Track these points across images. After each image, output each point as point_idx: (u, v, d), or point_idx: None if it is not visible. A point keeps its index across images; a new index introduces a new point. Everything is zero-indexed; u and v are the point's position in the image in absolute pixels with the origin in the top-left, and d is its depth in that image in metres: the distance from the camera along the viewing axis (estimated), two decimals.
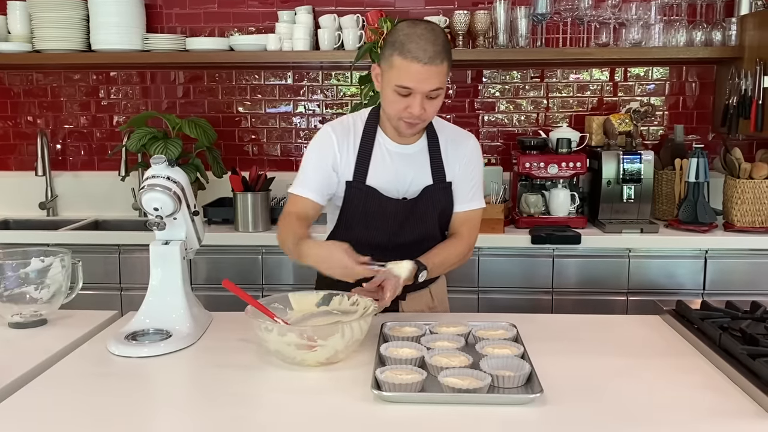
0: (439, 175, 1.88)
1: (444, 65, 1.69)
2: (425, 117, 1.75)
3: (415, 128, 1.79)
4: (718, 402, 1.32)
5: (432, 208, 1.88)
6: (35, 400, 1.34)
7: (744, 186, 2.88)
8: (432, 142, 1.89)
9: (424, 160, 1.88)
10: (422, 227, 1.89)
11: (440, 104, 1.77)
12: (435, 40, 1.68)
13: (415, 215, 1.87)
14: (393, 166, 1.86)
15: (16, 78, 3.50)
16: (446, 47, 1.70)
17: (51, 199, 3.48)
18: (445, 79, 1.72)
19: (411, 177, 1.86)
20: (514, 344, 1.52)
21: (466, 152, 1.90)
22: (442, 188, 1.88)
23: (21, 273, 1.69)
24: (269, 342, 1.48)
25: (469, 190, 1.92)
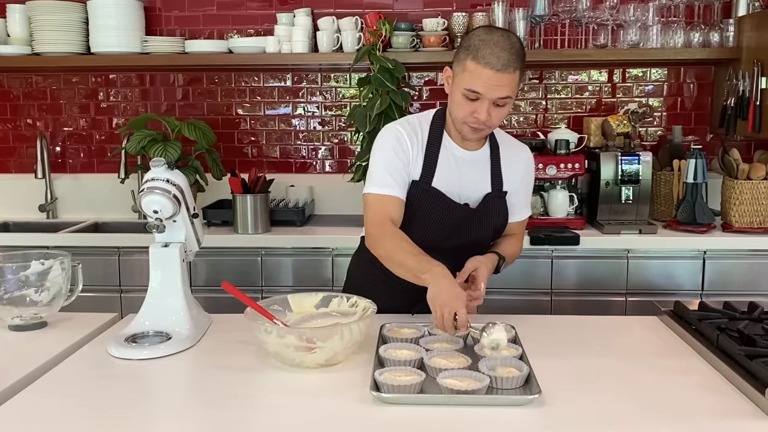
0: (497, 183, 1.90)
1: (516, 74, 1.69)
2: (490, 124, 1.75)
3: (478, 134, 1.79)
4: (715, 402, 1.32)
5: (489, 216, 1.89)
6: (35, 403, 1.35)
7: (742, 187, 2.88)
8: (494, 151, 1.90)
9: (485, 168, 1.89)
10: (477, 233, 1.89)
11: (506, 113, 1.79)
12: (510, 48, 1.67)
13: (473, 221, 1.87)
14: (458, 171, 1.86)
15: (15, 81, 3.51)
16: (520, 56, 1.70)
17: (51, 202, 3.48)
18: (515, 88, 1.72)
19: (473, 183, 1.87)
20: (512, 345, 1.52)
21: (522, 164, 1.95)
22: (498, 197, 1.90)
23: (21, 276, 1.70)
24: (268, 344, 1.49)
25: (523, 201, 1.99)
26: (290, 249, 2.91)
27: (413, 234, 1.79)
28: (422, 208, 1.83)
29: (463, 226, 1.86)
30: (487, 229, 1.91)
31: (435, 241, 1.84)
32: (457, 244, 1.87)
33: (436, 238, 1.85)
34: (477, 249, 1.89)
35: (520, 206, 1.98)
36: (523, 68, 1.72)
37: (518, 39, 1.73)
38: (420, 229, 1.83)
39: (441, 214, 1.84)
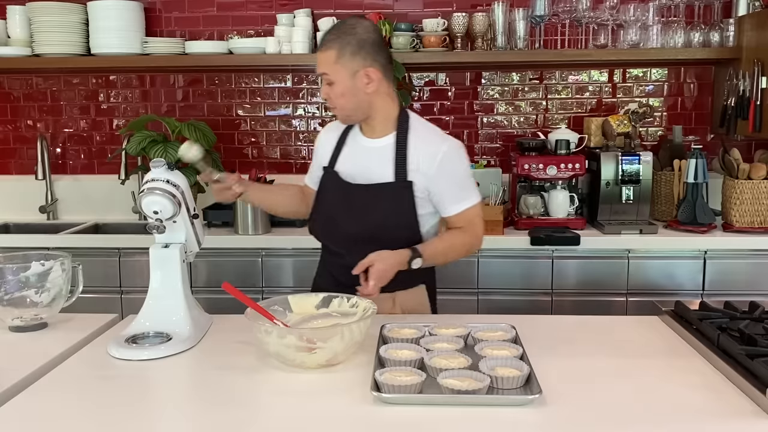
0: (401, 173, 1.86)
1: (329, 52, 1.80)
2: (331, 103, 1.87)
3: (336, 113, 1.91)
4: (716, 402, 1.32)
5: (385, 202, 1.87)
6: (36, 404, 1.35)
7: (743, 186, 2.88)
8: (401, 139, 1.89)
9: (388, 156, 1.88)
10: (373, 219, 1.88)
11: (340, 92, 1.83)
12: (334, 29, 1.84)
13: (367, 205, 1.89)
14: (359, 158, 1.94)
15: (15, 82, 3.51)
16: (340, 37, 1.81)
17: (51, 203, 3.48)
18: (331, 67, 1.81)
19: (375, 171, 1.89)
20: (513, 345, 1.52)
21: (437, 158, 1.86)
22: (402, 187, 1.86)
23: (21, 277, 1.70)
24: (269, 344, 1.49)
25: (455, 193, 1.90)
26: (290, 250, 2.91)
27: (320, 216, 1.99)
28: (324, 189, 1.99)
29: (357, 209, 1.90)
30: (384, 215, 1.87)
31: (337, 223, 1.94)
32: (360, 231, 1.89)
33: (336, 220, 1.95)
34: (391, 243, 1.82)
35: (449, 200, 1.90)
36: (343, 50, 1.80)
37: (357, 24, 1.84)
38: (324, 211, 1.98)
39: (336, 193, 1.95)
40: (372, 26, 1.86)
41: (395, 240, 1.85)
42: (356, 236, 1.90)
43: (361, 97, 1.84)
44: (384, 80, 1.85)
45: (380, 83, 1.84)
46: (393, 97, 1.91)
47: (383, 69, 1.84)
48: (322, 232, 2.03)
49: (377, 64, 1.82)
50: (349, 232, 1.91)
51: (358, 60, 1.80)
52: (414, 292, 1.98)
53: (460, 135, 3.43)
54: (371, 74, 1.82)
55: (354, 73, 1.81)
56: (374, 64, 1.82)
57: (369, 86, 1.83)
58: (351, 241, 1.91)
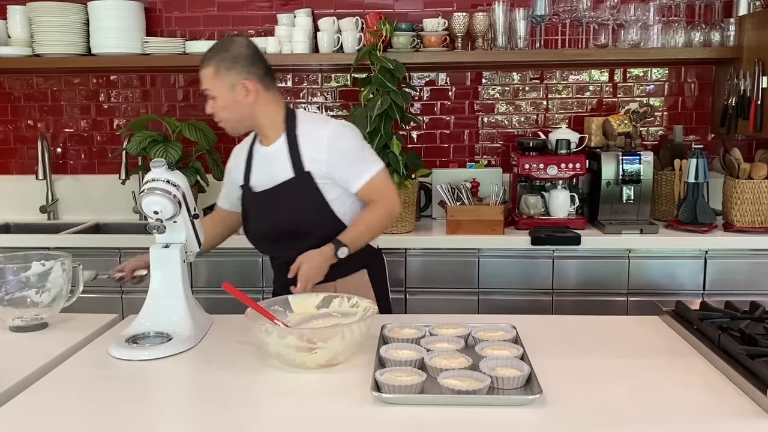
0: (298, 167, 1.96)
1: (207, 69, 1.93)
2: (217, 117, 1.97)
3: (224, 126, 2.00)
4: (717, 402, 1.32)
5: (293, 199, 1.97)
6: (36, 404, 1.35)
7: (743, 186, 2.88)
8: (290, 137, 1.98)
9: (284, 157, 1.98)
10: (289, 216, 1.98)
11: (221, 105, 1.94)
12: (210, 48, 1.95)
13: (279, 207, 1.99)
14: (263, 166, 2.03)
15: (16, 82, 3.51)
16: (217, 52, 1.93)
17: (52, 203, 3.48)
18: (212, 83, 1.93)
19: (278, 174, 1.98)
20: (513, 345, 1.52)
21: (323, 141, 1.96)
22: (303, 179, 1.96)
23: (22, 277, 1.70)
24: (269, 344, 1.49)
25: (351, 170, 1.97)
26: None
27: (249, 229, 2.09)
28: (245, 204, 2.07)
29: (271, 213, 2.00)
30: (296, 210, 1.97)
31: (263, 230, 2.06)
32: (279, 231, 2.00)
33: (257, 227, 2.06)
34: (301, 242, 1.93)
35: (351, 177, 1.97)
36: (219, 64, 1.91)
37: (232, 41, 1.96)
38: (250, 225, 2.08)
39: (252, 205, 2.05)
40: (245, 41, 1.97)
41: (320, 230, 1.96)
42: (279, 237, 2.02)
43: (243, 109, 1.94)
44: (263, 90, 1.96)
45: (259, 93, 1.94)
46: (276, 102, 2.00)
47: (260, 80, 1.95)
48: (255, 242, 2.13)
49: (253, 76, 1.93)
50: (272, 235, 2.03)
51: (233, 74, 1.92)
52: (355, 278, 2.07)
53: (461, 135, 3.44)
54: (248, 86, 1.93)
55: (232, 86, 1.92)
56: (250, 77, 1.93)
57: (248, 97, 1.93)
58: (277, 243, 2.03)
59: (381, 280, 2.15)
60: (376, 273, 2.13)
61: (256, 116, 1.97)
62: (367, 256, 2.08)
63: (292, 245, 1.94)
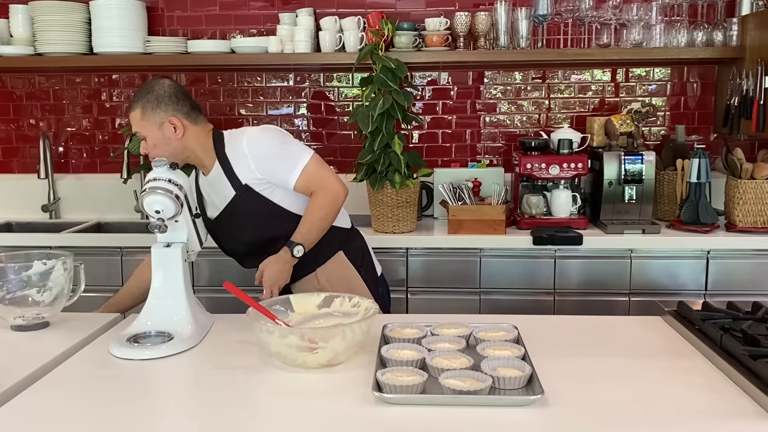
0: (236, 183, 2.01)
1: (135, 112, 1.99)
2: (150, 155, 2.00)
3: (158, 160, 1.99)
4: (719, 403, 1.31)
5: (244, 213, 2.02)
6: (38, 403, 1.35)
7: (746, 186, 2.88)
8: (221, 158, 2.03)
9: (223, 179, 2.03)
10: (247, 231, 2.05)
11: (152, 143, 1.99)
12: (136, 93, 2.01)
13: (234, 224, 2.05)
14: (208, 196, 2.10)
15: (18, 81, 3.51)
16: (140, 98, 1.98)
17: (53, 202, 3.48)
18: (142, 125, 1.99)
19: (221, 198, 2.04)
20: (515, 346, 1.52)
21: (244, 151, 1.99)
22: (244, 193, 2.00)
23: (23, 276, 1.70)
24: (270, 344, 1.49)
25: (280, 167, 2.00)
26: None
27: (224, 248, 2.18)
28: (210, 231, 2.09)
29: (234, 231, 2.07)
30: (254, 223, 2.03)
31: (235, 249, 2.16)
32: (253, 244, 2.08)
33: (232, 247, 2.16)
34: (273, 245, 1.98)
35: (283, 174, 2.00)
36: (145, 106, 1.97)
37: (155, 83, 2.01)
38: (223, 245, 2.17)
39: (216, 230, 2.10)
40: (167, 82, 2.03)
41: (283, 232, 2.00)
42: (252, 251, 2.08)
43: (174, 144, 1.99)
44: (190, 124, 2.01)
45: (186, 128, 2.00)
46: (206, 132, 2.06)
47: (186, 115, 2.01)
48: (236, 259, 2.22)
49: (179, 113, 1.99)
50: (245, 251, 2.13)
51: (160, 113, 1.97)
52: (333, 262, 2.12)
53: (463, 134, 3.43)
54: (175, 122, 1.98)
55: (160, 124, 1.98)
56: (176, 113, 1.99)
57: (177, 133, 1.99)
58: (254, 255, 2.06)
59: (360, 257, 2.19)
60: (354, 251, 2.17)
61: (188, 149, 2.02)
62: (340, 238, 2.14)
63: (269, 251, 1.98)
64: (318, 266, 2.09)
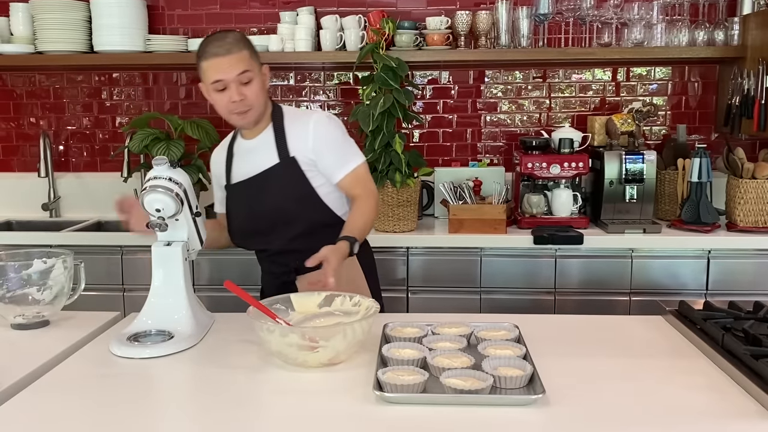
0: (283, 152, 1.97)
1: (243, 52, 1.88)
2: (248, 102, 1.90)
3: (246, 116, 1.94)
4: (720, 403, 1.31)
5: (279, 184, 1.97)
6: (37, 402, 1.35)
7: (747, 186, 2.87)
8: (277, 126, 2.00)
9: (270, 146, 1.99)
10: (274, 205, 1.97)
11: (259, 88, 1.91)
12: (227, 36, 1.90)
13: (265, 195, 1.98)
14: (247, 160, 2.02)
15: (18, 79, 3.51)
16: (241, 39, 1.90)
17: (53, 201, 3.48)
18: (250, 64, 1.89)
19: (260, 164, 1.99)
20: (516, 345, 1.51)
21: (308, 129, 1.97)
22: (287, 165, 1.96)
23: (23, 274, 1.70)
24: (271, 343, 1.48)
25: (335, 159, 1.99)
26: None
27: (232, 223, 2.08)
28: (229, 200, 2.07)
29: (260, 200, 1.99)
30: (284, 196, 1.97)
31: (245, 222, 2.04)
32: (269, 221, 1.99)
33: (243, 219, 2.04)
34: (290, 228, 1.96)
35: (334, 166, 1.98)
36: (249, 47, 1.91)
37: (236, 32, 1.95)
38: (233, 217, 2.07)
39: (238, 197, 2.03)
40: None
41: (306, 215, 1.97)
42: (266, 226, 2.00)
43: (266, 94, 1.97)
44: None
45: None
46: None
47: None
48: (241, 238, 2.10)
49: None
50: (258, 225, 2.02)
51: (256, 58, 1.93)
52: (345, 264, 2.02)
53: (463, 133, 3.43)
54: (266, 72, 1.98)
55: (260, 69, 1.94)
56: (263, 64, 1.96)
57: (267, 82, 1.98)
58: (264, 233, 2.01)
59: (368, 266, 2.16)
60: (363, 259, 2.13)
61: (265, 104, 1.98)
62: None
63: (281, 233, 1.96)
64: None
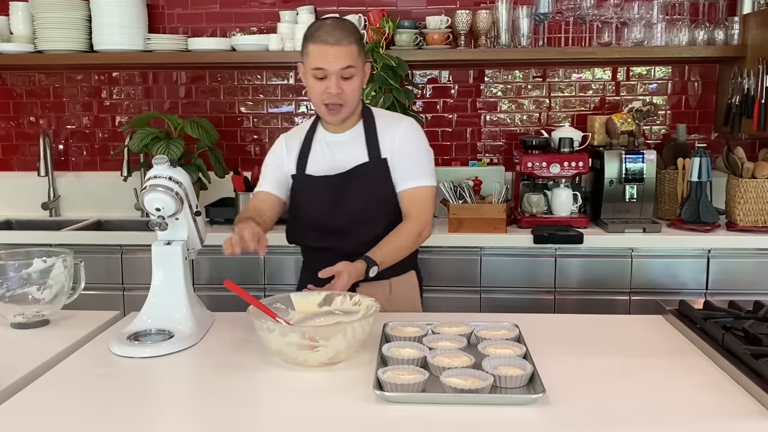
0: (374, 151, 1.95)
1: (352, 46, 1.84)
2: (344, 98, 1.87)
3: (338, 113, 1.90)
4: (720, 402, 1.31)
5: (365, 184, 1.94)
6: (38, 401, 1.35)
7: (747, 185, 2.87)
8: (368, 125, 1.98)
9: (360, 142, 1.97)
10: (357, 206, 1.94)
11: (358, 86, 1.90)
12: (342, 26, 1.87)
13: (348, 193, 1.94)
14: (330, 154, 1.99)
15: (18, 79, 3.51)
16: (355, 33, 1.87)
17: (53, 200, 3.48)
18: (356, 60, 1.86)
19: (346, 160, 1.96)
20: (516, 344, 1.51)
21: (399, 131, 1.96)
22: (377, 164, 1.94)
23: (23, 273, 1.70)
24: (271, 342, 1.48)
25: (410, 168, 1.95)
26: (292, 247, 2.89)
27: (303, 217, 2.02)
28: (300, 192, 2.02)
29: (342, 197, 1.95)
30: (366, 197, 1.94)
31: (324, 218, 1.98)
32: (342, 224, 1.95)
33: (322, 215, 1.98)
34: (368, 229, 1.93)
35: (405, 175, 1.95)
36: (359, 43, 1.87)
37: (351, 22, 1.94)
38: (306, 212, 2.01)
39: (315, 190, 1.98)
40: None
41: (386, 218, 1.95)
42: (346, 224, 1.95)
43: (359, 93, 1.94)
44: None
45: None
46: None
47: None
48: (305, 234, 2.05)
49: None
50: (337, 223, 1.96)
51: (363, 55, 1.91)
52: (406, 278, 2.06)
53: (463, 133, 3.43)
54: (367, 70, 1.95)
55: (363, 67, 1.91)
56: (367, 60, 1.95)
57: (366, 80, 1.95)
58: (339, 232, 1.96)
59: (420, 286, 2.15)
60: (419, 278, 2.14)
61: (359, 102, 1.96)
62: (414, 259, 2.10)
63: (358, 233, 1.92)
64: (393, 276, 2.00)
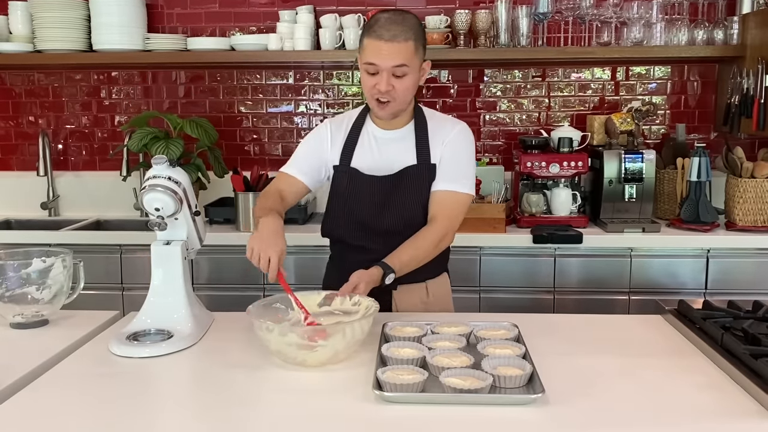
0: (424, 155, 1.90)
1: (408, 44, 1.76)
2: (394, 95, 1.80)
3: (387, 108, 1.84)
4: (720, 402, 1.31)
5: (413, 188, 1.89)
6: (37, 401, 1.34)
7: (746, 185, 2.87)
8: (419, 126, 1.92)
9: (409, 143, 1.92)
10: (402, 209, 1.89)
11: (411, 84, 1.81)
12: (401, 21, 1.77)
13: (395, 195, 1.90)
14: (377, 150, 1.93)
15: (17, 78, 3.51)
16: (414, 29, 1.79)
17: (53, 200, 3.48)
18: (411, 58, 1.78)
19: (394, 159, 1.91)
20: (515, 344, 1.51)
21: (450, 134, 1.91)
22: (426, 168, 1.89)
23: (23, 273, 1.69)
24: (270, 342, 1.48)
25: (451, 170, 1.90)
26: (292, 247, 2.88)
27: (345, 213, 1.93)
28: (342, 187, 1.93)
29: (386, 202, 1.90)
30: (414, 205, 1.89)
31: (367, 218, 1.91)
32: (387, 226, 1.89)
33: (366, 214, 1.91)
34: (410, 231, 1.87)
35: (444, 176, 1.89)
36: (419, 40, 1.79)
37: (414, 16, 1.83)
38: (350, 208, 1.93)
39: (359, 189, 1.92)
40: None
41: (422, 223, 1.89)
42: (394, 227, 1.89)
43: (413, 92, 1.85)
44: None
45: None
46: None
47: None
48: (347, 230, 1.95)
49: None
50: (385, 225, 1.90)
51: (421, 53, 1.83)
52: (441, 280, 2.03)
53: None
54: (426, 67, 1.87)
55: (420, 65, 1.84)
56: (425, 57, 1.86)
57: (422, 79, 1.86)
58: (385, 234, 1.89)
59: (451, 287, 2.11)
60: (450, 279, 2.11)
61: (411, 101, 1.89)
62: (446, 260, 2.06)
63: (402, 237, 1.84)
64: (429, 278, 1.97)
